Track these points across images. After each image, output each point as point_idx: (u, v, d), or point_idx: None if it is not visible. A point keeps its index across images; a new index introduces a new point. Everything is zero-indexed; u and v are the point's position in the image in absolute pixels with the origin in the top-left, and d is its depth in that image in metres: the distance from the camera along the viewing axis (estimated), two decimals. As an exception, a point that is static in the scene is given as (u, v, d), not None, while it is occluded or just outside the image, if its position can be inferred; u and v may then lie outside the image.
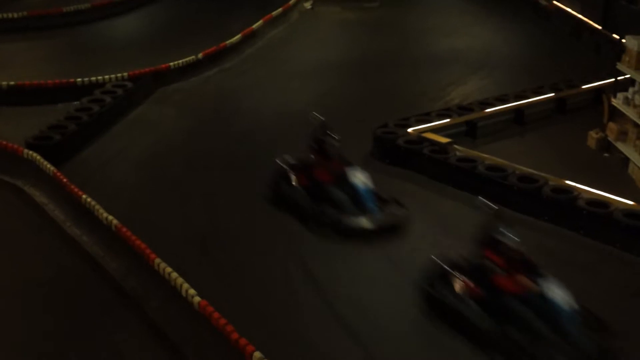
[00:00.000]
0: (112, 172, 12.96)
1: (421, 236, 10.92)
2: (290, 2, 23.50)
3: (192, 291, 8.79)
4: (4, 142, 12.89)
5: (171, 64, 17.24)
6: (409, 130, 13.58)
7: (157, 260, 9.42)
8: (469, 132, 14.36)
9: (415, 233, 10.99)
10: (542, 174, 11.89)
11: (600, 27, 20.66)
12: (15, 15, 20.63)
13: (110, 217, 10.43)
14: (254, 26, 20.64)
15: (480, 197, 9.26)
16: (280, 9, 22.55)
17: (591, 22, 21.21)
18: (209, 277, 9.77)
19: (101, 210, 10.63)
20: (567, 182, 11.64)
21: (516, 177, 11.83)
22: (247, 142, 14.23)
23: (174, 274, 9.12)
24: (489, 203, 9.05)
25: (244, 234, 11.07)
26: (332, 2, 25.38)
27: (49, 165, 12.01)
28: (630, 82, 13.64)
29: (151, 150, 13.92)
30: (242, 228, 11.23)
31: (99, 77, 15.96)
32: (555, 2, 24.15)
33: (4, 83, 15.63)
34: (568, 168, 12.75)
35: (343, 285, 9.84)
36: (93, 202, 10.84)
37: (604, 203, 11.05)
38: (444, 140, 13.18)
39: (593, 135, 14.07)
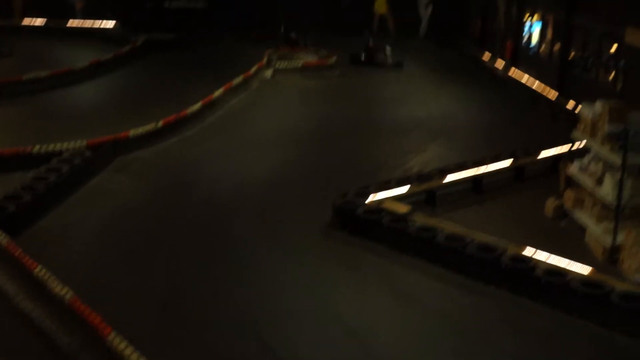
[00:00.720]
0: (69, 243, 12.74)
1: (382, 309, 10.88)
2: (251, 71, 23.71)
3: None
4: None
5: (131, 132, 17.19)
6: (368, 199, 13.60)
7: (112, 335, 9.20)
8: (429, 200, 14.43)
9: (375, 304, 10.94)
10: (501, 243, 11.94)
11: (556, 95, 21.12)
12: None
13: (65, 290, 10.18)
14: (215, 94, 20.73)
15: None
16: (241, 77, 22.72)
17: (547, 90, 21.69)
18: (168, 351, 9.56)
19: (55, 283, 10.40)
20: (526, 250, 11.70)
21: (475, 246, 11.87)
22: (206, 210, 14.14)
23: (128, 350, 8.90)
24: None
25: (205, 303, 10.90)
26: (293, 70, 25.73)
27: (1, 237, 11.76)
28: (586, 150, 13.85)
29: (109, 219, 13.74)
30: (203, 296, 11.06)
31: (57, 146, 15.83)
32: (512, 71, 24.69)
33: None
34: (526, 236, 12.82)
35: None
36: (47, 274, 10.61)
37: (561, 271, 11.10)
38: (403, 209, 13.21)
39: (550, 203, 14.21)
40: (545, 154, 16.43)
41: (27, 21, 29.47)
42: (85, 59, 23.78)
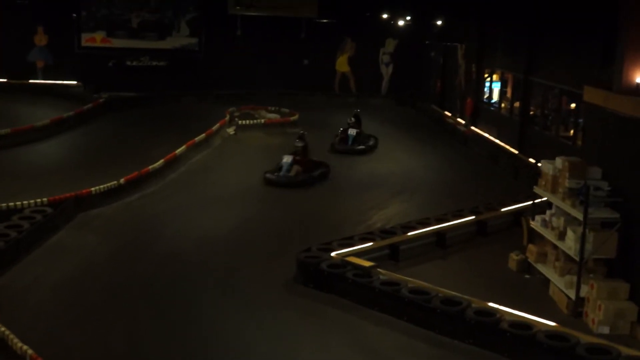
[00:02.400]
0: (29, 300, 12.46)
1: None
2: (213, 128, 23.83)
3: None
4: None
5: (92, 189, 17.04)
6: (332, 254, 13.58)
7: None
8: (392, 255, 14.45)
9: (341, 359, 10.85)
10: (465, 297, 11.95)
11: (516, 152, 21.45)
12: None
13: (25, 347, 9.99)
14: (177, 151, 20.74)
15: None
16: (203, 135, 22.80)
17: (508, 147, 22.03)
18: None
19: (15, 340, 10.20)
20: (490, 304, 11.72)
21: (439, 299, 11.86)
22: (169, 267, 13.96)
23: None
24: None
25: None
26: (255, 127, 25.89)
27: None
28: (548, 204, 14.02)
29: (70, 276, 13.50)
30: (162, 356, 10.87)
31: (17, 203, 15.62)
32: (472, 128, 25.08)
33: None
34: (490, 290, 12.87)
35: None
36: (7, 332, 10.40)
37: (526, 325, 11.12)
38: (367, 264, 13.20)
39: (514, 257, 14.30)
40: (507, 208, 16.63)
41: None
42: (46, 117, 23.69)
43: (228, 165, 21.50)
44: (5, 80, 29.55)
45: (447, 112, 28.61)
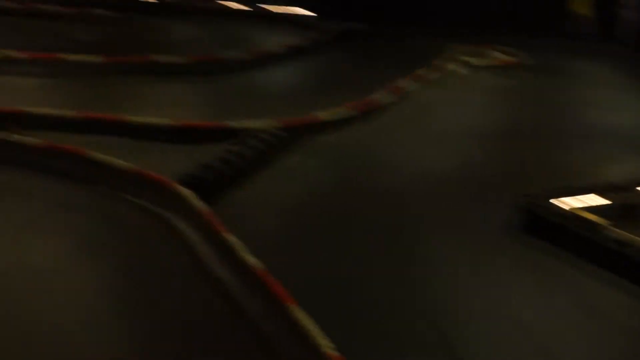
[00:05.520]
0: (260, 216, 13.19)
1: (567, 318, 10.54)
2: (439, 64, 23.55)
3: (324, 342, 8.73)
4: (157, 176, 13.44)
5: (320, 115, 17.50)
6: (563, 205, 13.10)
7: (294, 307, 9.46)
8: (627, 214, 13.67)
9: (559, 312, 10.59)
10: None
11: None
12: (178, 59, 21.54)
13: (254, 259, 10.60)
14: (402, 85, 20.73)
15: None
16: (428, 70, 22.61)
17: None
18: (345, 327, 9.67)
19: (245, 251, 10.83)
20: None
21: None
22: (390, 200, 14.17)
23: (309, 323, 9.12)
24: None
25: (386, 290, 10.94)
26: (482, 68, 25.22)
27: (198, 202, 12.39)
28: None
29: (296, 199, 14.09)
30: (385, 283, 11.10)
31: (251, 123, 16.37)
32: None
33: (162, 121, 16.22)
34: None
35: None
36: (239, 242, 11.06)
37: None
38: (599, 219, 12.63)
39: None
40: None
41: (223, 4, 30.64)
42: (279, 43, 24.45)
43: (452, 104, 21.21)
44: (240, 6, 30.65)
45: None
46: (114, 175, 13.87)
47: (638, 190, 14.08)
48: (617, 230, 12.42)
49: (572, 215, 12.75)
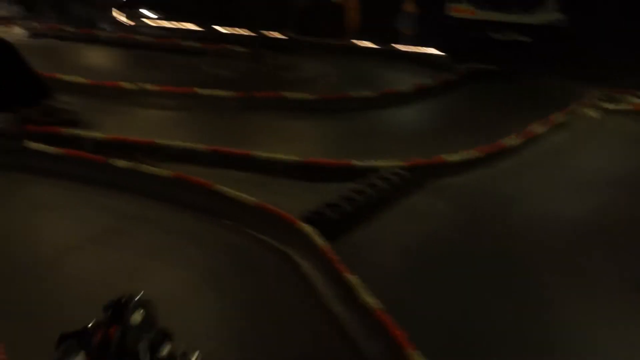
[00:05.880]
0: (378, 257, 13.08)
1: None
2: (573, 108, 22.83)
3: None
4: (281, 212, 13.59)
5: (447, 157, 17.27)
6: None
7: (413, 351, 9.27)
8: None
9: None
10: None
11: None
12: (308, 96, 21.85)
13: (372, 299, 10.48)
14: (533, 129, 20.22)
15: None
16: (561, 114, 21.96)
17: None
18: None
19: (364, 290, 10.73)
20: None
21: None
22: (517, 247, 13.77)
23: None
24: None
25: (500, 335, 10.61)
26: (623, 113, 24.26)
27: (319, 240, 12.40)
28: None
29: (418, 239, 13.91)
30: (498, 329, 10.73)
31: (376, 162, 16.31)
32: None
33: (289, 158, 16.41)
34: None
35: None
36: (358, 281, 10.97)
37: None
38: None
39: None
40: None
41: (354, 42, 30.84)
42: (409, 83, 24.38)
43: (588, 151, 20.46)
44: (371, 44, 30.83)
45: None
46: (238, 208, 14.10)
47: None
48: None
49: None
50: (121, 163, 15.54)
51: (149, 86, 21.03)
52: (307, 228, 12.88)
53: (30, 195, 14.93)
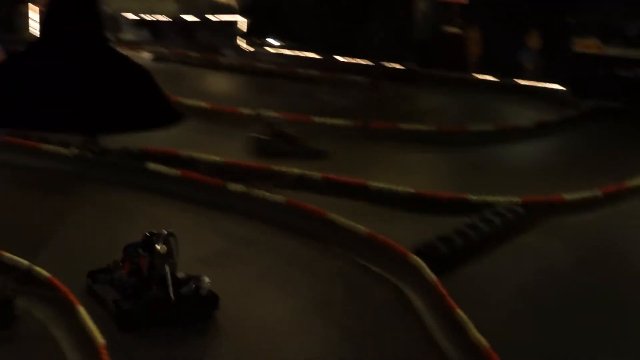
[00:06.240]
0: (489, 294, 12.80)
1: None
2: None
3: None
4: (392, 243, 13.50)
5: (566, 196, 16.76)
6: None
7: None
8: None
9: None
10: None
11: None
12: (425, 128, 21.69)
13: (480, 338, 10.24)
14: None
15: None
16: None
17: None
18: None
19: (473, 329, 10.49)
20: None
21: None
22: (633, 288, 13.19)
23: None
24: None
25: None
26: None
27: (430, 274, 12.23)
28: None
29: (533, 279, 13.54)
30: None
31: (491, 198, 15.99)
32: None
33: (403, 189, 16.30)
34: None
35: None
36: (466, 318, 10.75)
37: None
38: None
39: None
40: None
41: (475, 75, 30.45)
42: (530, 118, 23.85)
43: None
44: (492, 78, 30.40)
45: None
46: (349, 237, 14.07)
47: None
48: None
49: None
50: (236, 187, 15.79)
51: (266, 112, 21.34)
52: (418, 261, 12.74)
53: (150, 214, 15.31)
